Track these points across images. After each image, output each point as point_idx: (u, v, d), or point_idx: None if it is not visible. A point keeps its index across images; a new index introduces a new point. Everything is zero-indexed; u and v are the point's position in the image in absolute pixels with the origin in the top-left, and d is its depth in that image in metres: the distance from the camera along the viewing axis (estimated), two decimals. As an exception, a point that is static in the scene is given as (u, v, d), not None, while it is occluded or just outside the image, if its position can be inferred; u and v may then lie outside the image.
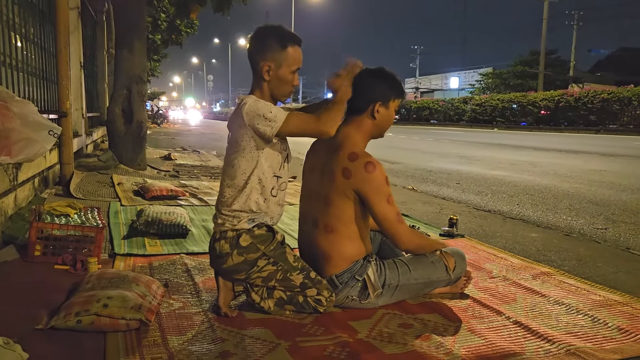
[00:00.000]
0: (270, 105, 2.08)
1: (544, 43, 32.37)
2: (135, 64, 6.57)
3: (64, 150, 5.22)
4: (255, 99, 2.10)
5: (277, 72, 2.12)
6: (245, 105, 2.07)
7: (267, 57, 2.11)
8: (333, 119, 2.08)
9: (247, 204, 2.10)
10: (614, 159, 9.94)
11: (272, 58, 2.11)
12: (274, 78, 2.13)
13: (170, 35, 16.56)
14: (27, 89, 4.69)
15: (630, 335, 1.98)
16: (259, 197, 2.12)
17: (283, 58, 2.11)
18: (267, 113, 2.04)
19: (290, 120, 2.06)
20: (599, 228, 4.05)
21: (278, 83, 2.15)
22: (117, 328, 1.89)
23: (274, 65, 2.11)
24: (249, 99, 2.11)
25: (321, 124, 2.06)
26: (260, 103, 2.07)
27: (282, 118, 2.04)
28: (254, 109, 2.05)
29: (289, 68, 2.13)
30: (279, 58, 2.11)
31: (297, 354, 1.77)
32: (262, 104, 2.07)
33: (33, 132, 3.11)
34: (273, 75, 2.13)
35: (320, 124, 2.06)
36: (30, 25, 4.96)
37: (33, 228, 2.71)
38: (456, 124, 30.47)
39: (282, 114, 2.05)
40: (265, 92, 2.16)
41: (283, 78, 2.14)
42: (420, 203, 4.96)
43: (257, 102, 2.07)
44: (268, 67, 2.11)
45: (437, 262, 2.26)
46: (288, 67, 2.13)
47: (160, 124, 26.02)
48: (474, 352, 1.83)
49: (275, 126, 2.04)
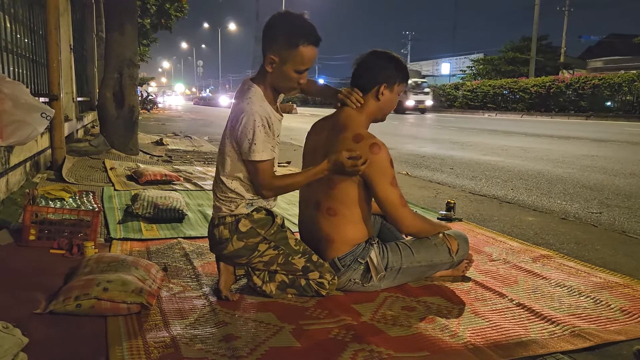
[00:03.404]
0: (266, 134, 2.00)
1: (535, 29, 32.31)
2: (126, 47, 6.45)
3: (55, 135, 5.13)
4: (260, 113, 1.99)
5: (280, 68, 2.01)
6: (250, 113, 1.98)
7: (273, 50, 2.00)
8: (281, 189, 2.09)
9: (242, 190, 2.08)
10: (605, 144, 9.98)
11: (278, 53, 1.98)
12: (277, 72, 2.03)
13: (160, 20, 16.32)
14: (16, 71, 4.60)
15: (633, 317, 1.98)
16: (251, 185, 2.08)
17: (290, 56, 1.98)
18: (256, 142, 1.97)
19: (259, 165, 2.01)
20: (594, 212, 4.06)
21: (280, 78, 2.05)
22: (117, 312, 1.86)
23: (279, 60, 1.99)
24: (255, 96, 2.03)
25: (268, 188, 2.05)
26: (261, 123, 1.98)
27: (257, 157, 1.99)
28: (252, 127, 1.97)
29: (295, 67, 2.00)
30: (285, 54, 1.98)
31: (302, 337, 1.76)
32: (260, 128, 1.98)
33: (25, 115, 3.04)
34: (276, 69, 2.02)
35: (267, 188, 2.05)
36: (19, 6, 4.84)
37: (27, 212, 2.65)
38: (447, 109, 30.47)
39: (261, 154, 1.99)
40: (267, 82, 2.07)
41: (286, 75, 2.02)
42: (415, 188, 4.95)
43: (260, 120, 1.98)
44: (272, 60, 2.01)
45: (440, 244, 2.24)
46: (293, 65, 1.99)
47: (150, 110, 25.76)
48: (479, 334, 1.82)
49: (248, 158, 2.00)
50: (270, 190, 2.07)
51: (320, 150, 2.21)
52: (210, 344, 1.69)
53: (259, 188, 2.06)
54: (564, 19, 38.23)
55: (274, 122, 2.08)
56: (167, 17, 16.21)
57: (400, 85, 2.21)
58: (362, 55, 2.22)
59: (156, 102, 29.70)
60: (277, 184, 2.06)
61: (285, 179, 2.09)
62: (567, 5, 38.84)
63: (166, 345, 1.67)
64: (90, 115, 10.27)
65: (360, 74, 2.19)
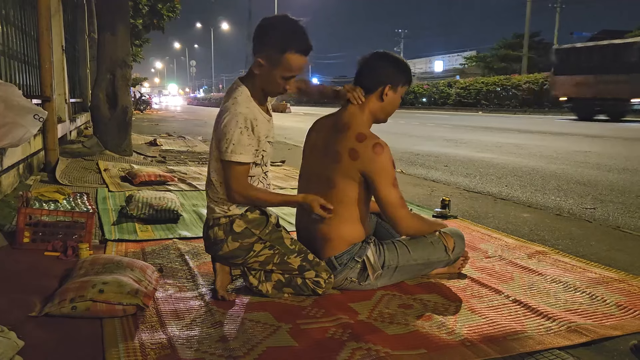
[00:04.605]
0: (248, 137, 1.98)
1: (527, 26, 32.45)
2: (119, 48, 6.41)
3: (48, 136, 5.10)
4: (244, 115, 1.98)
5: (267, 72, 2.00)
6: (234, 114, 1.97)
7: (262, 53, 1.99)
8: (250, 199, 2.04)
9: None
10: (597, 140, 10.04)
11: (267, 56, 1.97)
12: (264, 75, 2.02)
13: (152, 20, 16.27)
14: (8, 73, 4.57)
15: (629, 312, 1.99)
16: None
17: (278, 61, 1.97)
18: (234, 142, 1.96)
19: (234, 167, 1.98)
20: (588, 208, 4.08)
21: (266, 81, 2.04)
22: (113, 314, 1.85)
23: (266, 64, 1.99)
24: (242, 96, 2.03)
25: (238, 194, 2.01)
26: (244, 125, 1.97)
27: (234, 158, 1.97)
28: (233, 128, 1.96)
29: (281, 73, 1.99)
30: (274, 59, 1.97)
31: (300, 337, 1.75)
32: (241, 131, 1.96)
33: (18, 116, 3.03)
34: (264, 72, 2.01)
35: (236, 193, 2.00)
36: (10, 7, 4.81)
37: (21, 214, 2.64)
38: (441, 107, 30.52)
39: (238, 156, 1.97)
40: (256, 83, 2.07)
41: (272, 80, 2.02)
42: (410, 185, 4.95)
43: (243, 122, 1.97)
44: (260, 63, 2.00)
45: (437, 242, 2.25)
46: (281, 71, 1.99)
47: (143, 111, 25.68)
48: (476, 331, 1.82)
49: (224, 157, 1.98)
50: (241, 196, 2.02)
51: (319, 148, 2.20)
52: (206, 345, 1.68)
53: (229, 190, 2.02)
54: (556, 15, 38.31)
55: (261, 123, 2.06)
56: (159, 17, 16.16)
57: (403, 87, 2.22)
58: (366, 56, 2.23)
59: (150, 103, 29.59)
60: (250, 193, 2.03)
61: (259, 192, 2.06)
62: (558, 2, 38.92)
63: (163, 347, 1.66)
64: (83, 116, 10.22)
65: (364, 75, 2.20)
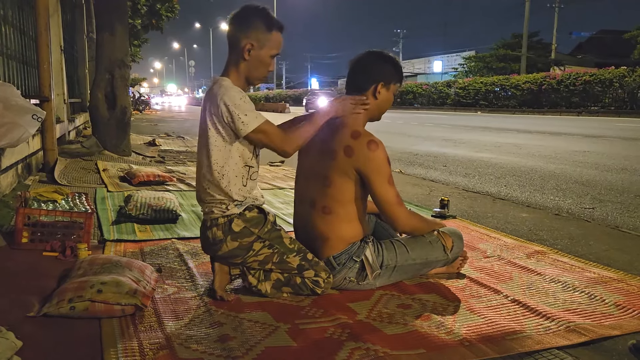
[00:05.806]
0: (250, 104, 2.03)
1: (526, 25, 32.43)
2: (117, 48, 6.42)
3: (46, 136, 5.09)
4: (237, 90, 2.03)
5: (258, 53, 2.08)
6: (225, 93, 2.00)
7: (250, 36, 2.06)
8: (299, 140, 2.10)
9: (225, 192, 2.06)
10: (597, 140, 10.04)
11: (256, 38, 2.07)
12: (254, 58, 2.09)
13: (151, 20, 16.27)
14: (6, 73, 4.57)
15: (628, 311, 1.99)
16: (234, 186, 2.07)
17: (267, 40, 2.08)
18: (246, 112, 1.99)
19: (261, 128, 2.02)
20: (587, 207, 4.08)
21: (256, 64, 2.10)
22: (112, 314, 1.85)
23: (257, 45, 2.07)
24: (226, 82, 2.06)
25: (286, 144, 2.07)
26: (240, 96, 2.01)
27: (254, 124, 2.00)
28: (234, 101, 1.99)
29: (270, 51, 2.10)
30: (262, 39, 2.07)
31: (299, 337, 1.75)
32: (243, 100, 2.00)
33: (16, 116, 3.02)
34: (254, 55, 2.08)
35: (285, 144, 2.07)
36: (9, 7, 4.81)
37: (19, 214, 2.63)
38: (440, 107, 30.52)
39: (256, 120, 2.01)
40: (241, 72, 2.11)
41: (263, 60, 2.10)
42: (409, 185, 4.95)
43: (238, 94, 2.01)
44: (251, 45, 2.06)
45: (435, 242, 2.25)
46: (269, 50, 2.10)
47: (142, 111, 25.67)
48: (474, 330, 1.82)
49: (246, 129, 2.00)
50: (291, 143, 2.08)
51: (315, 146, 2.20)
52: (205, 345, 1.68)
53: (277, 150, 2.08)
54: (555, 15, 38.34)
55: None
56: (158, 17, 16.16)
57: (396, 84, 2.22)
58: (358, 56, 2.25)
59: (149, 103, 29.58)
60: (292, 136, 2.09)
61: (297, 131, 2.12)
62: (557, 2, 38.95)
63: (161, 347, 1.66)
64: (82, 116, 10.22)
65: (357, 73, 2.22)
